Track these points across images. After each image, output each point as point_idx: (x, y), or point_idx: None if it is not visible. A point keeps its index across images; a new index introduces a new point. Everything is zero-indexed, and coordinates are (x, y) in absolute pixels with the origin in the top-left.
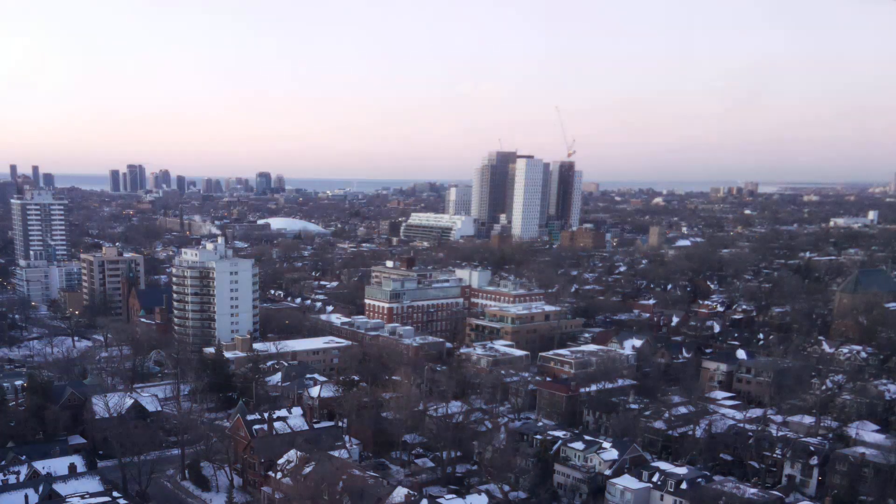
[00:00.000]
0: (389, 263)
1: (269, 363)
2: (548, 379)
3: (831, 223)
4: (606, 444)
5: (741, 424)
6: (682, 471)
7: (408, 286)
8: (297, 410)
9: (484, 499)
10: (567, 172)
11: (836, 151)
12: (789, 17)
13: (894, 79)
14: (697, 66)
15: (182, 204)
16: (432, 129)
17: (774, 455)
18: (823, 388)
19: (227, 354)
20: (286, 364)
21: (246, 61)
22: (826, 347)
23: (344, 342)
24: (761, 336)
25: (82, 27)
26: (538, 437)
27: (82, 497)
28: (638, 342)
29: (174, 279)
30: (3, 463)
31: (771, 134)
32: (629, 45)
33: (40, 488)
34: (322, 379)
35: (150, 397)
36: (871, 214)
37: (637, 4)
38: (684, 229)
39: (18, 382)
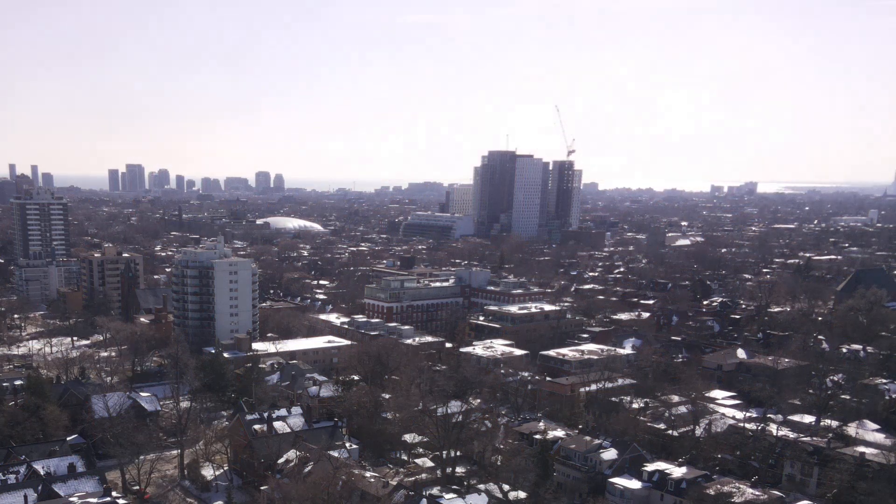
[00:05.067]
0: (389, 263)
1: (269, 363)
2: (548, 378)
3: (831, 222)
4: (606, 444)
5: (741, 424)
6: (682, 470)
7: (407, 286)
8: (296, 410)
9: (484, 499)
10: (566, 171)
11: (836, 151)
12: (788, 14)
13: (893, 78)
14: (697, 65)
15: (181, 203)
16: (432, 129)
17: (774, 455)
18: (823, 387)
19: (227, 354)
20: (285, 364)
21: (245, 61)
22: (826, 347)
23: (343, 342)
24: (761, 335)
25: (82, 27)
26: (538, 437)
27: (81, 497)
28: (638, 342)
29: (173, 278)
30: (2, 463)
31: (771, 133)
32: (628, 45)
33: (39, 488)
34: (322, 379)
35: (149, 397)
36: (872, 214)
37: (638, 4)
38: (684, 229)
39: (18, 382)
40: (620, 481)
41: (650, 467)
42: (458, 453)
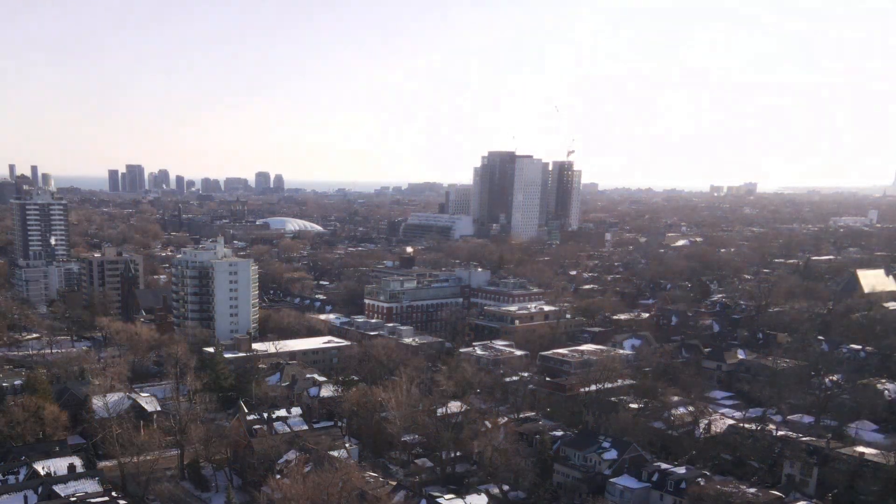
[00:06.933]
0: (389, 263)
1: (269, 363)
2: (547, 379)
3: (831, 222)
4: (606, 444)
5: (741, 424)
6: (682, 471)
7: (407, 286)
8: (296, 410)
9: (484, 499)
10: (566, 172)
11: (836, 151)
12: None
13: (893, 78)
14: (696, 64)
15: (181, 203)
16: (433, 129)
17: (774, 455)
18: (823, 387)
19: (227, 354)
20: (285, 364)
21: (244, 61)
22: (825, 347)
23: (343, 342)
24: (761, 336)
25: (81, 27)
26: (538, 436)
27: (81, 497)
28: (638, 342)
29: (173, 279)
30: (2, 463)
31: (771, 133)
32: (628, 45)
33: (39, 489)
34: (321, 379)
35: (149, 397)
36: (871, 214)
37: (640, 6)
38: (684, 229)
39: (18, 382)
40: (620, 481)
41: (650, 467)
42: (458, 453)
